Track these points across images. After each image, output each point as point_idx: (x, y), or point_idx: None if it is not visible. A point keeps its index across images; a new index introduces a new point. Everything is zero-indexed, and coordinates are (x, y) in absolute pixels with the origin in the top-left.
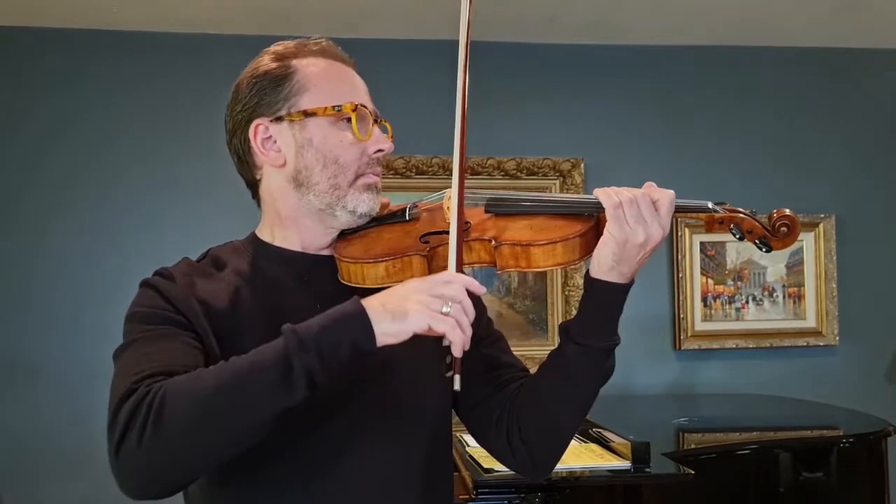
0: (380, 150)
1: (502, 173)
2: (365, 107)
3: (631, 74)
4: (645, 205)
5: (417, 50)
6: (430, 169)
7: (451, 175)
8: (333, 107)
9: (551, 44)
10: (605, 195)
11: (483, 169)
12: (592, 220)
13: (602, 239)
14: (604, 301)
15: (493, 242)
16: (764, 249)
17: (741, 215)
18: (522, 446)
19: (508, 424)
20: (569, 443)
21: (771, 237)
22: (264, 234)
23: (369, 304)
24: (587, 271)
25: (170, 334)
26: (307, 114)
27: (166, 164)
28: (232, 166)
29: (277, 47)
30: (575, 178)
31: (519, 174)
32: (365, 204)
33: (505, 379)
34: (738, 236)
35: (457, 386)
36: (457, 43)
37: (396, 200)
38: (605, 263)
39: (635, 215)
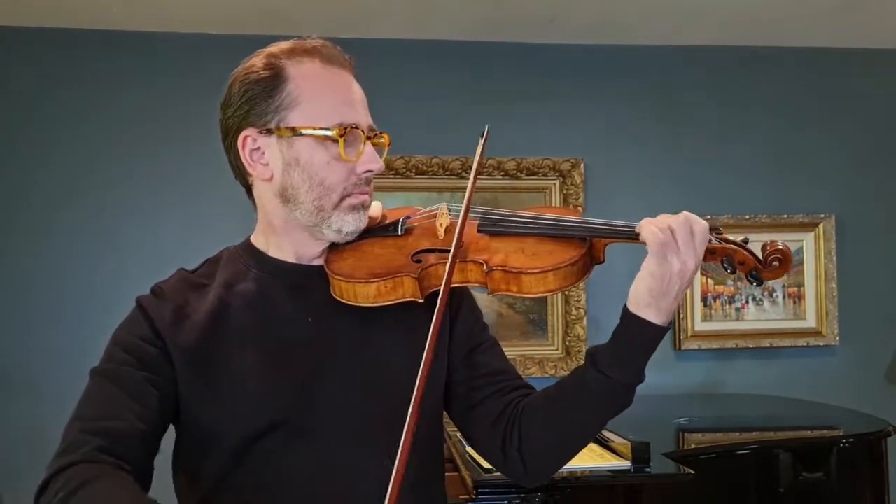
0: (369, 171)
1: (502, 173)
2: (356, 126)
3: (631, 74)
4: (682, 234)
5: (418, 50)
6: (429, 169)
7: (451, 176)
8: (322, 128)
9: (551, 44)
10: (651, 234)
11: (483, 169)
12: (586, 246)
13: (639, 275)
14: (638, 338)
15: (485, 267)
16: (754, 284)
17: (733, 247)
18: (518, 456)
19: (506, 431)
20: (568, 461)
21: (762, 269)
22: (259, 242)
23: None
24: (625, 304)
25: (130, 379)
26: (295, 131)
27: (166, 164)
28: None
29: (272, 48)
30: (575, 178)
31: (519, 174)
32: (350, 224)
33: (503, 386)
34: (729, 270)
35: None
36: (456, 43)
37: (396, 200)
38: (641, 299)
39: (674, 248)
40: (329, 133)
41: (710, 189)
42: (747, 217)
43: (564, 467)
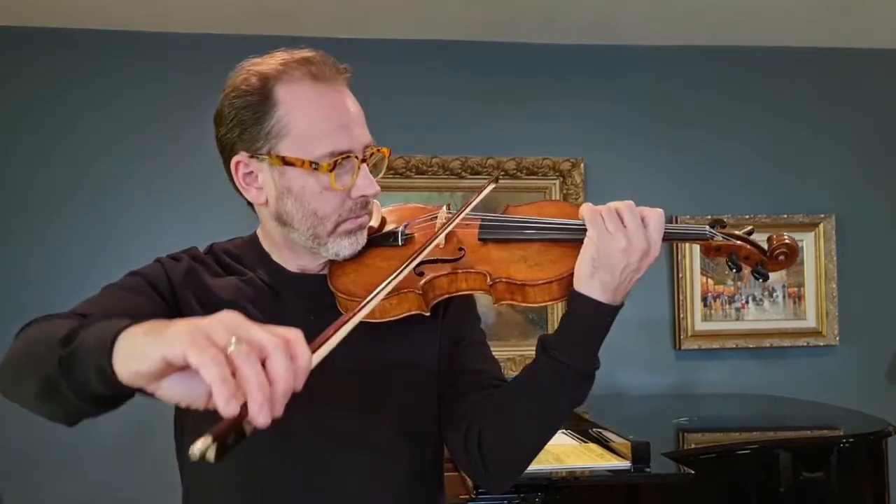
0: (364, 196)
1: (502, 173)
2: (349, 154)
3: (631, 74)
4: (628, 213)
5: (417, 50)
6: (429, 169)
7: (451, 176)
8: (311, 162)
9: (550, 44)
10: (587, 208)
11: (483, 169)
12: None
13: (583, 244)
14: (584, 318)
15: (489, 279)
16: (760, 279)
17: (738, 242)
18: (478, 453)
19: (468, 428)
20: (527, 460)
21: (768, 262)
22: (265, 242)
23: (138, 325)
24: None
25: (141, 291)
26: (286, 161)
27: (166, 163)
28: None
29: (261, 66)
30: (575, 178)
31: (519, 174)
32: (346, 248)
33: (472, 385)
34: (734, 269)
35: (206, 455)
36: (456, 43)
37: (396, 201)
38: (584, 270)
39: (615, 221)
40: (319, 165)
41: (710, 189)
42: (747, 217)
43: (564, 467)
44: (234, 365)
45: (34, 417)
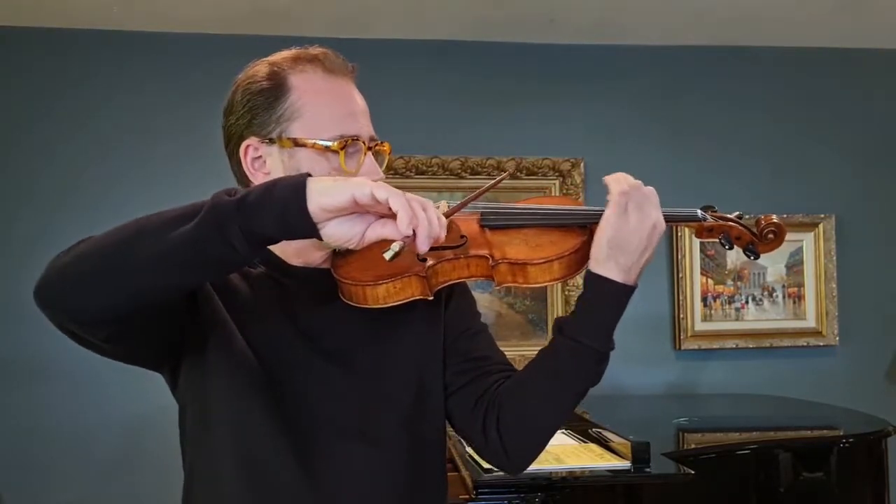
0: None
1: (502, 173)
2: (357, 139)
3: (631, 75)
4: (644, 192)
5: (417, 50)
6: (429, 169)
7: (450, 176)
8: (323, 140)
9: (551, 44)
10: (616, 182)
11: (483, 169)
12: (587, 233)
13: (599, 225)
14: (600, 297)
15: (490, 261)
16: (752, 257)
17: (729, 223)
18: (497, 437)
19: (486, 413)
20: (545, 440)
21: (758, 242)
22: None
23: (320, 176)
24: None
25: None
26: (297, 143)
27: (166, 163)
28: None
29: (275, 57)
30: (575, 178)
31: (519, 174)
32: None
33: (483, 371)
34: (726, 246)
35: (388, 253)
36: (456, 43)
37: None
38: (601, 252)
39: (637, 200)
40: (330, 145)
41: (710, 189)
42: (747, 217)
43: (564, 467)
44: (408, 202)
45: (34, 418)
